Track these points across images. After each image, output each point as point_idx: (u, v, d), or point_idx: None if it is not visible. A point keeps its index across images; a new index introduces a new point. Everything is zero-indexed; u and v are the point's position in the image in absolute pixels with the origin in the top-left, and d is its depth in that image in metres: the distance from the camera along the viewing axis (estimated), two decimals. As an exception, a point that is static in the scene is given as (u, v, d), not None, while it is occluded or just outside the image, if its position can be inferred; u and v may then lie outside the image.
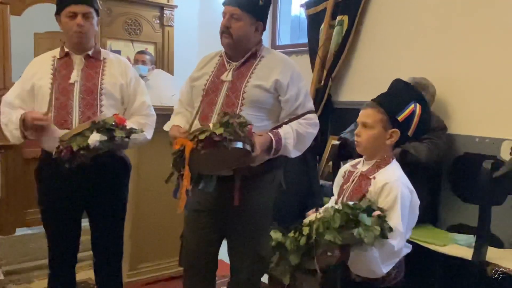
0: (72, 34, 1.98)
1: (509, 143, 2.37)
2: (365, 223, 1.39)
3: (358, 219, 1.40)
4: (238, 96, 1.89)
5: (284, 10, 4.44)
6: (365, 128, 1.63)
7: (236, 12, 1.88)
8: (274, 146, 1.83)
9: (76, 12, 1.95)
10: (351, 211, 1.41)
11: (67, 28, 1.99)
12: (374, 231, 1.39)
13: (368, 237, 1.37)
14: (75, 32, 1.97)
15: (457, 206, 2.62)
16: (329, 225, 1.39)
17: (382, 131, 1.61)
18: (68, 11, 1.96)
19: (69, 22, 1.97)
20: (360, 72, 3.31)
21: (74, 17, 1.96)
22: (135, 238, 2.85)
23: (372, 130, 1.61)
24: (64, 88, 1.98)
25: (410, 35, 2.96)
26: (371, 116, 1.62)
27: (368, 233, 1.38)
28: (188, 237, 2.06)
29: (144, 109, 2.12)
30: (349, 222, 1.40)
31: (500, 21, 2.48)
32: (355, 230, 1.37)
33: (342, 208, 1.43)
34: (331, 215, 1.42)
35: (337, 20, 3.30)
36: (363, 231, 1.37)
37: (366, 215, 1.42)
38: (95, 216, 2.12)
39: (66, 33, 2.01)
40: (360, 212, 1.42)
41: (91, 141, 1.76)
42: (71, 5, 1.95)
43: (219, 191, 1.86)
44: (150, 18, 4.59)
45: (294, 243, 1.45)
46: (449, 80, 2.68)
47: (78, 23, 1.96)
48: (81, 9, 1.96)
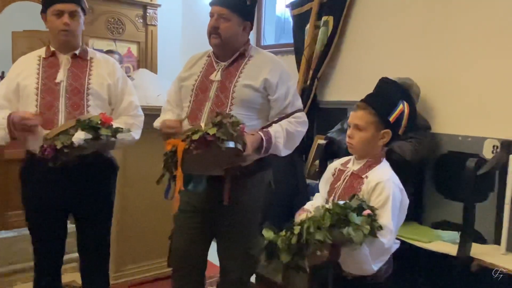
0: (58, 32, 1.95)
1: (491, 142, 2.43)
2: (354, 222, 1.41)
3: (348, 218, 1.41)
4: (227, 95, 1.89)
5: (269, 10, 4.45)
6: (358, 130, 1.64)
7: (224, 12, 1.89)
8: (264, 145, 1.84)
9: (63, 10, 1.93)
10: (341, 211, 1.43)
11: (53, 26, 1.95)
12: (364, 230, 1.41)
13: (357, 236, 1.39)
14: (61, 30, 1.94)
15: (441, 203, 2.68)
16: (320, 225, 1.40)
17: (374, 132, 1.63)
18: (54, 9, 1.93)
19: (56, 21, 1.94)
20: (346, 72, 3.34)
21: (60, 15, 1.93)
22: (121, 239, 2.82)
23: (365, 132, 1.63)
24: (50, 88, 1.95)
25: (394, 36, 3.00)
26: (364, 118, 1.63)
27: (357, 232, 1.39)
28: (177, 238, 2.04)
29: (132, 109, 2.10)
30: (339, 221, 1.41)
31: (483, 23, 2.54)
32: (345, 229, 1.39)
33: (333, 208, 1.44)
34: (322, 214, 1.43)
35: (322, 20, 3.32)
36: (352, 230, 1.39)
37: (356, 214, 1.43)
38: (81, 218, 2.09)
39: (52, 32, 1.98)
40: (350, 211, 1.44)
41: (75, 139, 1.74)
42: (58, 3, 1.92)
43: (209, 191, 1.86)
44: (133, 17, 4.54)
45: (286, 242, 1.46)
46: (433, 80, 2.73)
47: (65, 21, 1.93)
48: (68, 7, 1.93)
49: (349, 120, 1.69)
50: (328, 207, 1.47)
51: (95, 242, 2.12)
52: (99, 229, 2.12)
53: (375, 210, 1.51)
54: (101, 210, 2.10)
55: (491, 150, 2.42)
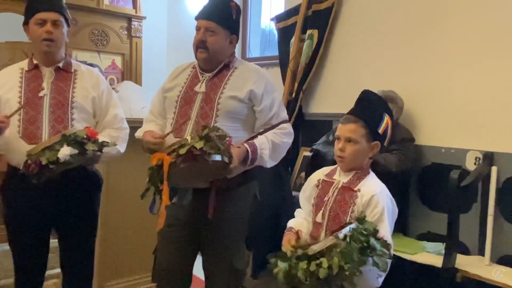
0: (41, 42, 1.91)
1: (473, 154, 2.47)
2: (377, 250, 1.38)
3: (371, 245, 1.39)
4: (212, 107, 1.88)
5: (254, 23, 4.49)
6: (349, 143, 1.64)
7: (211, 26, 1.89)
8: (250, 156, 1.82)
9: (46, 19, 1.89)
10: (364, 238, 1.39)
11: (36, 36, 1.91)
12: (385, 257, 1.39)
13: (381, 263, 1.38)
14: (44, 40, 1.90)
15: (425, 214, 2.70)
16: (349, 258, 1.34)
17: (366, 144, 1.64)
18: (37, 18, 1.89)
19: (38, 30, 1.90)
20: (331, 84, 3.38)
21: (43, 24, 1.89)
22: (104, 254, 2.76)
23: (357, 145, 1.63)
24: (33, 102, 1.90)
25: (378, 49, 3.05)
26: (355, 131, 1.63)
27: (381, 259, 1.38)
28: (161, 252, 2.01)
29: (117, 122, 2.06)
30: (364, 249, 1.38)
31: (466, 36, 2.59)
32: (370, 259, 1.37)
33: (354, 235, 1.40)
34: (348, 243, 1.37)
35: (307, 33, 3.36)
36: (377, 258, 1.37)
37: (375, 240, 1.41)
38: (65, 234, 2.03)
39: (34, 42, 1.94)
40: (370, 236, 1.41)
41: (61, 155, 1.69)
42: (41, 12, 1.89)
43: (194, 204, 1.84)
44: (118, 29, 4.51)
45: (308, 275, 1.36)
46: (416, 93, 2.77)
47: (47, 29, 1.89)
48: (50, 16, 1.90)
49: (339, 133, 1.68)
50: (350, 234, 1.41)
51: (79, 258, 2.06)
52: (83, 245, 2.06)
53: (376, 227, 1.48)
54: (85, 225, 2.05)
55: (474, 162, 2.46)
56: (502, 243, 2.33)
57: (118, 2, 4.51)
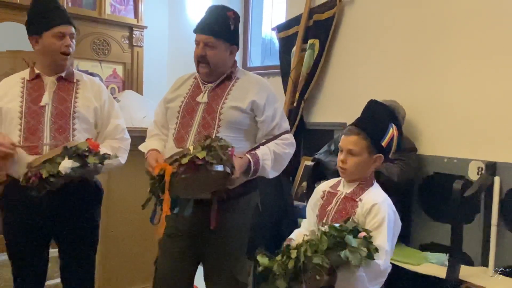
0: (59, 55, 1.92)
1: (476, 163, 2.46)
2: (351, 245, 1.39)
3: (345, 241, 1.40)
4: (214, 117, 1.88)
5: (255, 32, 4.50)
6: (351, 155, 1.63)
7: (210, 40, 1.88)
8: (252, 167, 1.82)
9: (64, 33, 1.91)
10: (338, 233, 1.41)
11: (53, 48, 1.91)
12: (361, 253, 1.39)
13: (354, 259, 1.37)
14: (63, 52, 1.92)
15: (428, 224, 2.68)
16: (317, 248, 1.38)
17: (368, 157, 1.63)
18: (56, 31, 1.90)
19: (57, 43, 1.91)
20: (332, 94, 3.38)
21: (62, 37, 1.91)
22: (104, 264, 2.74)
23: (359, 157, 1.62)
24: (34, 112, 1.89)
25: (379, 58, 3.05)
26: (357, 143, 1.62)
27: (355, 255, 1.38)
28: (162, 263, 2.00)
29: (118, 133, 2.05)
30: (336, 244, 1.40)
31: (467, 46, 2.59)
32: (342, 252, 1.37)
33: (329, 230, 1.43)
34: (318, 237, 1.41)
35: (308, 43, 3.37)
36: (349, 253, 1.37)
37: (352, 237, 1.42)
38: (65, 245, 2.01)
39: (49, 54, 1.93)
40: (347, 233, 1.42)
41: (62, 168, 1.68)
42: (61, 25, 1.90)
43: (195, 215, 1.82)
44: (119, 38, 4.54)
45: (282, 267, 1.43)
46: (418, 103, 2.77)
47: (68, 44, 1.91)
48: (69, 30, 1.93)
49: (341, 144, 1.68)
50: (324, 230, 1.45)
51: (80, 269, 2.04)
52: (83, 256, 2.04)
53: (370, 233, 1.49)
54: (86, 237, 2.03)
55: (476, 171, 2.45)
56: (505, 253, 2.31)
57: (120, 12, 4.53)
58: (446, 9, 2.70)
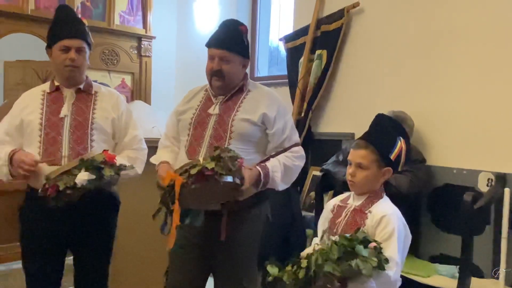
0: (64, 67, 1.95)
1: (485, 175, 2.45)
2: (362, 255, 1.39)
3: (355, 251, 1.40)
4: (226, 129, 1.89)
5: (262, 42, 4.52)
6: (360, 168, 1.64)
7: (225, 54, 1.90)
8: (262, 179, 1.83)
9: (70, 47, 1.93)
10: (348, 243, 1.42)
11: (59, 61, 1.95)
12: (372, 263, 1.39)
13: (366, 268, 1.38)
14: (67, 66, 1.94)
15: (437, 236, 2.66)
16: (328, 257, 1.39)
17: (376, 170, 1.64)
18: (61, 45, 1.94)
19: (61, 56, 1.94)
20: (340, 104, 3.38)
21: (67, 51, 1.94)
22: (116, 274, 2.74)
23: (367, 170, 1.63)
24: (54, 123, 1.93)
25: (387, 69, 3.05)
26: (366, 157, 1.63)
27: (366, 265, 1.38)
28: (172, 274, 2.00)
29: (136, 143, 2.07)
30: (347, 253, 1.40)
31: (476, 56, 2.60)
32: (353, 262, 1.37)
33: (339, 240, 1.43)
34: (329, 247, 1.41)
35: (316, 54, 3.39)
36: (361, 262, 1.38)
37: (362, 247, 1.42)
38: (80, 256, 2.03)
39: (57, 67, 1.98)
40: (357, 243, 1.43)
41: (78, 180, 1.71)
42: (65, 39, 1.93)
43: (206, 226, 1.83)
44: (128, 48, 4.58)
45: (292, 277, 1.43)
46: (427, 113, 2.77)
47: (71, 57, 1.93)
48: (74, 43, 1.94)
49: (350, 158, 1.69)
50: (335, 240, 1.46)
51: (94, 280, 2.05)
52: (98, 267, 2.05)
53: (380, 244, 1.49)
54: (101, 248, 2.05)
55: (486, 183, 2.43)
56: (516, 266, 2.29)
57: (129, 22, 4.58)
58: (455, 19, 2.70)
